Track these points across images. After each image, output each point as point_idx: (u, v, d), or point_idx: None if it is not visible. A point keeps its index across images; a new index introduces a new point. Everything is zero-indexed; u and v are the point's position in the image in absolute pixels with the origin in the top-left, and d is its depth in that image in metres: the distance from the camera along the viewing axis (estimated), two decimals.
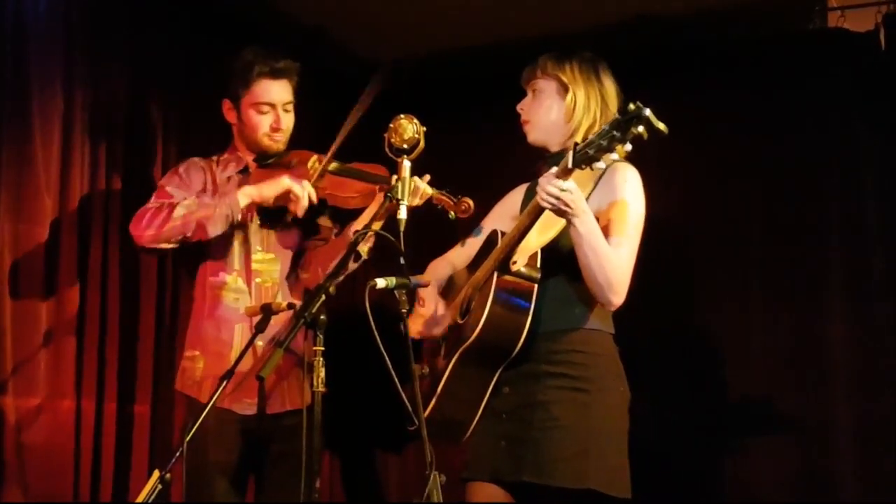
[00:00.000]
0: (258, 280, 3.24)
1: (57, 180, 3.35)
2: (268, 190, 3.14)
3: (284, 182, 3.12)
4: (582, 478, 2.62)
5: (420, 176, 2.96)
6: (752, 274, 4.01)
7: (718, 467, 3.91)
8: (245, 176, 3.28)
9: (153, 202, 3.17)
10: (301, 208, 3.12)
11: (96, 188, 3.49)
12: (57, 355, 3.31)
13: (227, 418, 3.11)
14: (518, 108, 2.94)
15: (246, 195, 3.14)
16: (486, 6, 4.02)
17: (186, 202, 3.14)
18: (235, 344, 3.16)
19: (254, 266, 3.24)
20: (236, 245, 3.24)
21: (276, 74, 3.22)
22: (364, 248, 3.13)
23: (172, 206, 3.12)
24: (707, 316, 4.06)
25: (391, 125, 2.74)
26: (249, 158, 3.30)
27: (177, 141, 3.81)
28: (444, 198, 3.03)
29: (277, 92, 3.22)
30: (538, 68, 2.91)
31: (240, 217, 3.15)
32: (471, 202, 3.01)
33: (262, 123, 3.24)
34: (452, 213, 3.03)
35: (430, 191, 3.01)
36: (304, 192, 3.11)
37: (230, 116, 3.30)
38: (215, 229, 3.12)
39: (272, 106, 3.23)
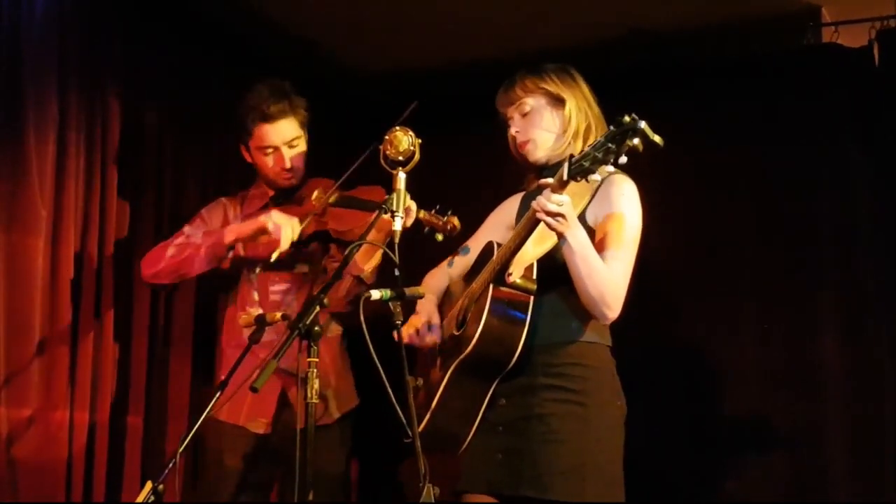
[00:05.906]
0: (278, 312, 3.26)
1: (51, 191, 3.34)
2: (245, 227, 3.22)
3: (259, 220, 3.18)
4: (579, 492, 2.60)
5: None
6: (746, 287, 4.02)
7: (712, 480, 3.90)
8: (264, 211, 3.30)
9: (169, 241, 3.32)
10: (283, 243, 3.11)
11: (91, 199, 3.48)
12: (50, 366, 3.30)
13: (242, 434, 3.21)
14: (512, 133, 2.87)
15: (231, 231, 3.25)
16: (477, 21, 4.03)
17: (177, 241, 3.29)
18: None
19: (271, 297, 3.32)
20: (254, 279, 3.33)
21: (268, 119, 3.27)
22: (368, 269, 3.15)
23: (166, 247, 3.27)
24: (700, 327, 4.06)
25: (386, 137, 2.73)
26: (271, 194, 3.40)
27: (171, 151, 3.82)
28: (432, 218, 3.01)
29: (276, 134, 3.28)
30: (518, 89, 2.86)
31: (226, 253, 3.25)
32: (456, 221, 3.00)
33: (269, 164, 3.32)
34: (440, 235, 3.01)
35: (417, 211, 3.01)
36: (280, 229, 3.11)
37: (248, 159, 3.40)
38: (201, 266, 3.26)
39: (275, 147, 3.29)
